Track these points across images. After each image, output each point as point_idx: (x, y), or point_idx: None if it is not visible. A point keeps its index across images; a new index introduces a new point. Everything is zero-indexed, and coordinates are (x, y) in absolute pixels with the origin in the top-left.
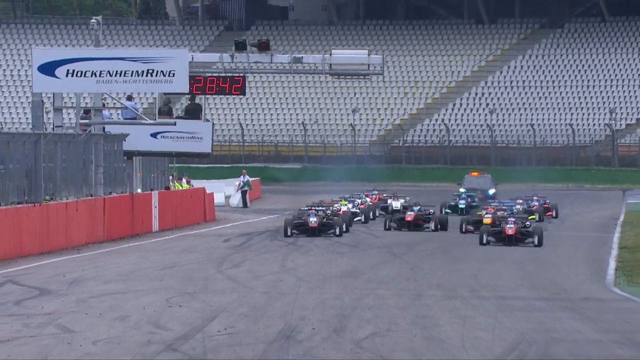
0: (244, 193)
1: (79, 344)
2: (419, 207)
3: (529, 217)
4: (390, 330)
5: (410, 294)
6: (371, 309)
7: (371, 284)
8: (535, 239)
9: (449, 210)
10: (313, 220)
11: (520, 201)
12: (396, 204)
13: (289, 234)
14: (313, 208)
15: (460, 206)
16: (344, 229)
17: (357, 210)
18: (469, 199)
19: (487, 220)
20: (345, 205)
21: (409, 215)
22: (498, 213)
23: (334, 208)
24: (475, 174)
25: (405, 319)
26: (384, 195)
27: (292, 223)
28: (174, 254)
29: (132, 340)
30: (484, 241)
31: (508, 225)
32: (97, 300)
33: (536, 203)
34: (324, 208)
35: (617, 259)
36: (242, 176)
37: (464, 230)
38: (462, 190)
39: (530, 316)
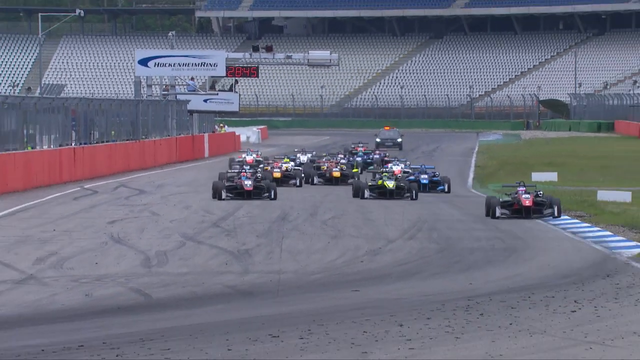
0: None
1: (162, 222)
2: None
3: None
4: (344, 215)
5: None
6: (332, 202)
7: (332, 189)
8: (555, 210)
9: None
10: (248, 183)
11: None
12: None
13: (223, 197)
14: (245, 170)
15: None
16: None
17: (300, 169)
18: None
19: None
20: (288, 162)
21: (335, 172)
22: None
23: (261, 172)
24: (387, 128)
25: (352, 208)
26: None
27: (225, 187)
28: (218, 169)
29: (193, 220)
30: (498, 214)
31: (524, 196)
32: (173, 197)
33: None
34: (252, 170)
35: (474, 173)
36: (223, 127)
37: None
38: (378, 140)
39: (424, 206)
